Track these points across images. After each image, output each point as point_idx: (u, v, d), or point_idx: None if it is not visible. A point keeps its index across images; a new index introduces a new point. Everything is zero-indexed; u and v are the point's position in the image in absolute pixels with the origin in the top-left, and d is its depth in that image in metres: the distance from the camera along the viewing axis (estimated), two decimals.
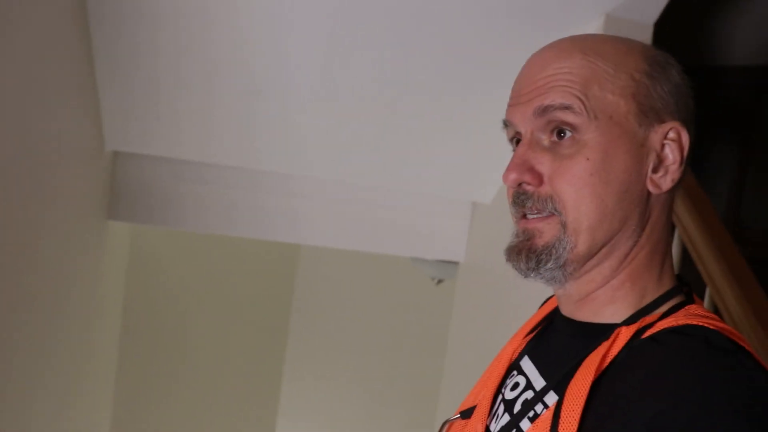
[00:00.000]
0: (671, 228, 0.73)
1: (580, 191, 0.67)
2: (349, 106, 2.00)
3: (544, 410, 0.69)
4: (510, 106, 0.74)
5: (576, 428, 0.63)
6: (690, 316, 0.67)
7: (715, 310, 1.24)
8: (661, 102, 0.69)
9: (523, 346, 0.83)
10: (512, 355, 0.84)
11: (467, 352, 2.37)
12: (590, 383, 0.64)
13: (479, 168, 2.16)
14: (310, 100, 1.98)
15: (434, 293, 3.14)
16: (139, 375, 3.30)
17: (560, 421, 0.64)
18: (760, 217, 2.83)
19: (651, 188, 0.69)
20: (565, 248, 0.68)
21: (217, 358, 3.60)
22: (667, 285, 0.71)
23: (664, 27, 1.78)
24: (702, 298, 1.28)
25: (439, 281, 3.04)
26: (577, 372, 0.66)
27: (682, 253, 1.37)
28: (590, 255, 0.69)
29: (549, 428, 0.65)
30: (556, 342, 0.77)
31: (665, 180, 0.69)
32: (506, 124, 0.74)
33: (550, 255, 0.68)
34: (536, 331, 0.84)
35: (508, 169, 0.70)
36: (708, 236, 1.24)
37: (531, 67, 0.72)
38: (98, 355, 2.47)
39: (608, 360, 0.66)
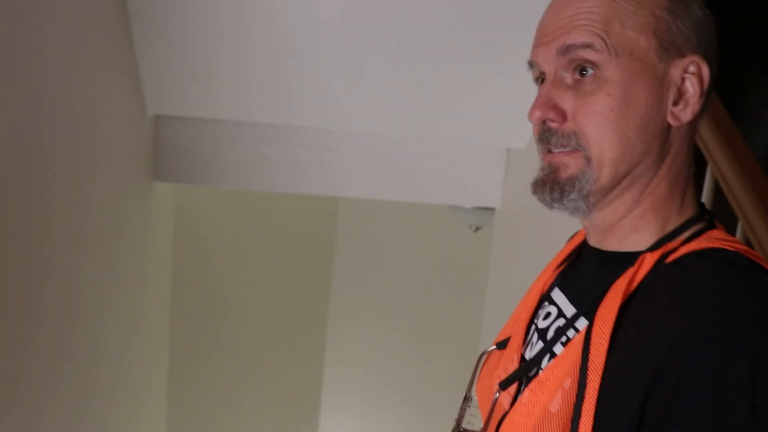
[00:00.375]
0: (693, 158, 0.76)
1: (602, 126, 0.71)
2: (381, 60, 2.03)
3: (576, 334, 0.73)
4: (534, 46, 0.76)
5: (606, 349, 0.67)
6: (712, 240, 0.71)
7: (747, 243, 1.26)
8: (681, 37, 0.71)
9: (553, 279, 0.88)
10: (543, 287, 0.88)
11: (506, 294, 2.42)
12: (618, 306, 0.68)
13: (512, 114, 2.17)
14: (342, 57, 2.02)
15: (473, 240, 3.19)
16: (190, 328, 3.44)
17: (591, 343, 0.68)
18: None
19: (671, 121, 0.72)
20: (588, 180, 0.72)
21: (265, 310, 3.72)
22: (688, 213, 0.74)
23: None
24: (734, 231, 1.30)
25: (477, 228, 3.09)
26: (606, 297, 0.70)
27: (715, 188, 1.39)
28: (612, 186, 0.72)
29: (581, 350, 0.69)
30: (584, 272, 0.81)
31: (685, 112, 0.72)
32: (531, 64, 0.77)
33: (573, 186, 0.72)
34: (565, 263, 0.88)
35: (533, 108, 0.74)
36: (739, 170, 1.25)
37: (553, 7, 0.75)
38: (152, 307, 2.60)
39: (634, 284, 0.70)
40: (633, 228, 0.75)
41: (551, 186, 0.73)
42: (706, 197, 1.38)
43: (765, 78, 2.78)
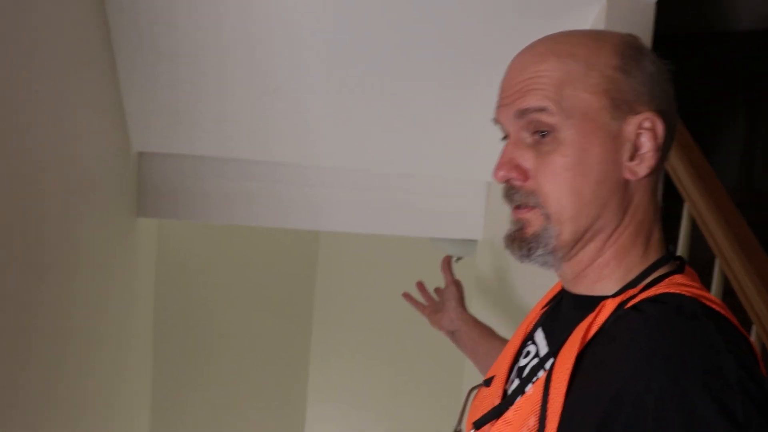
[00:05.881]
0: (658, 205, 0.79)
1: (559, 185, 0.74)
2: (360, 97, 2.06)
3: (542, 374, 0.76)
4: (497, 106, 0.80)
5: (564, 389, 0.69)
6: (671, 285, 0.73)
7: (725, 280, 1.30)
8: (633, 94, 0.74)
9: (537, 318, 0.91)
10: (528, 327, 0.92)
11: (489, 323, 2.44)
12: (576, 349, 0.70)
13: (492, 148, 2.21)
14: (322, 95, 2.04)
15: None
16: (172, 363, 3.41)
17: (551, 384, 0.71)
18: None
19: (628, 176, 0.75)
20: (551, 236, 0.75)
21: (247, 343, 3.69)
22: (652, 258, 0.77)
23: None
24: (712, 268, 1.34)
25: (458, 259, 3.11)
26: (567, 340, 0.73)
27: (692, 227, 1.43)
28: (575, 241, 0.76)
29: (542, 390, 0.71)
30: (561, 313, 0.85)
31: (641, 167, 0.75)
32: (496, 122, 0.81)
33: (539, 243, 0.76)
34: (550, 304, 0.91)
35: (497, 167, 0.78)
36: (715, 210, 1.29)
37: (511, 70, 0.79)
38: (136, 343, 2.58)
39: (593, 329, 0.72)
40: (598, 276, 0.78)
41: (519, 243, 0.77)
42: (683, 234, 1.42)
43: (733, 111, 2.87)
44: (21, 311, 1.29)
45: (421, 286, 1.51)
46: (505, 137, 0.81)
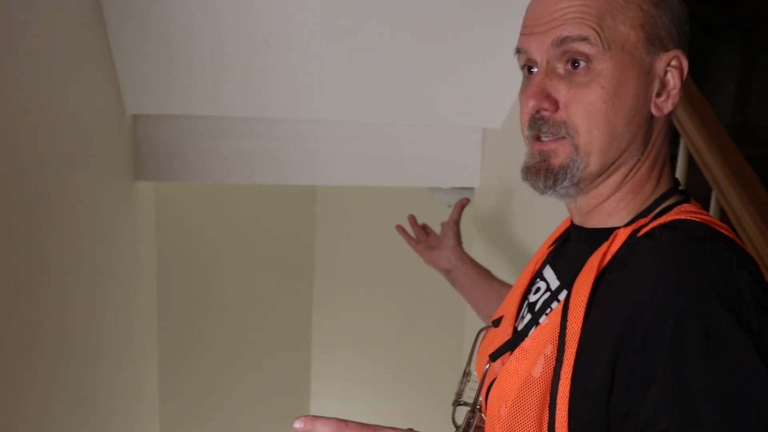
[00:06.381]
0: (669, 140, 0.81)
1: (593, 118, 0.75)
2: (353, 45, 2.04)
3: (557, 305, 0.79)
4: (524, 34, 0.80)
5: (582, 316, 0.71)
6: (681, 212, 0.76)
7: (722, 212, 1.33)
8: (665, 31, 0.76)
9: (544, 257, 0.93)
10: (535, 266, 0.95)
11: (489, 268, 2.47)
12: (592, 277, 0.73)
13: (487, 94, 2.21)
14: (315, 45, 2.02)
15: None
16: (177, 322, 3.45)
17: (569, 312, 0.73)
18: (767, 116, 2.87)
19: (654, 111, 0.77)
20: (579, 168, 0.77)
21: (250, 299, 3.73)
22: (662, 191, 0.80)
23: None
24: (709, 202, 1.37)
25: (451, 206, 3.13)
26: (582, 269, 0.76)
27: (689, 160, 1.45)
28: (601, 173, 0.78)
29: (560, 319, 0.74)
30: (570, 249, 0.87)
31: (667, 104, 0.77)
32: (519, 50, 0.81)
33: (566, 174, 0.77)
34: (557, 242, 0.94)
35: (528, 97, 0.77)
36: (710, 142, 1.31)
37: None
38: (141, 305, 2.61)
39: (608, 257, 0.74)
40: (614, 209, 0.80)
41: (545, 174, 0.78)
42: (680, 170, 1.44)
43: (728, 46, 2.85)
44: (28, 280, 1.31)
45: (412, 219, 1.53)
46: (525, 67, 0.81)
